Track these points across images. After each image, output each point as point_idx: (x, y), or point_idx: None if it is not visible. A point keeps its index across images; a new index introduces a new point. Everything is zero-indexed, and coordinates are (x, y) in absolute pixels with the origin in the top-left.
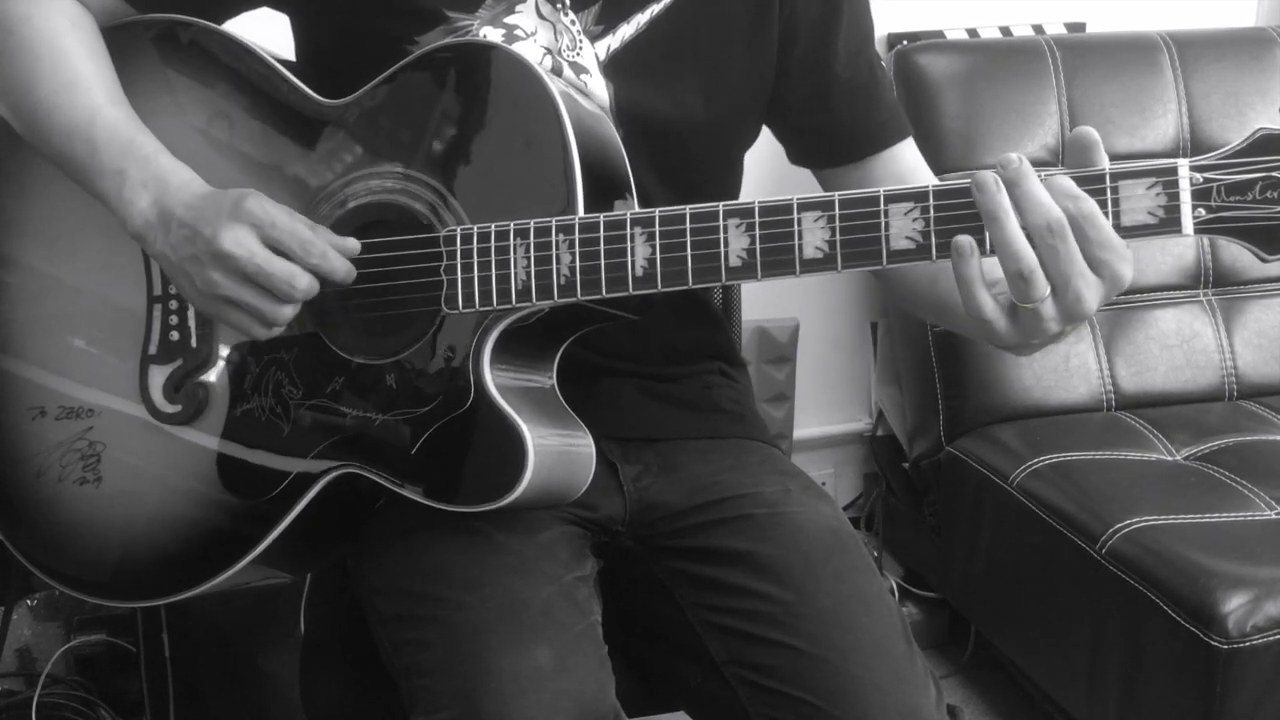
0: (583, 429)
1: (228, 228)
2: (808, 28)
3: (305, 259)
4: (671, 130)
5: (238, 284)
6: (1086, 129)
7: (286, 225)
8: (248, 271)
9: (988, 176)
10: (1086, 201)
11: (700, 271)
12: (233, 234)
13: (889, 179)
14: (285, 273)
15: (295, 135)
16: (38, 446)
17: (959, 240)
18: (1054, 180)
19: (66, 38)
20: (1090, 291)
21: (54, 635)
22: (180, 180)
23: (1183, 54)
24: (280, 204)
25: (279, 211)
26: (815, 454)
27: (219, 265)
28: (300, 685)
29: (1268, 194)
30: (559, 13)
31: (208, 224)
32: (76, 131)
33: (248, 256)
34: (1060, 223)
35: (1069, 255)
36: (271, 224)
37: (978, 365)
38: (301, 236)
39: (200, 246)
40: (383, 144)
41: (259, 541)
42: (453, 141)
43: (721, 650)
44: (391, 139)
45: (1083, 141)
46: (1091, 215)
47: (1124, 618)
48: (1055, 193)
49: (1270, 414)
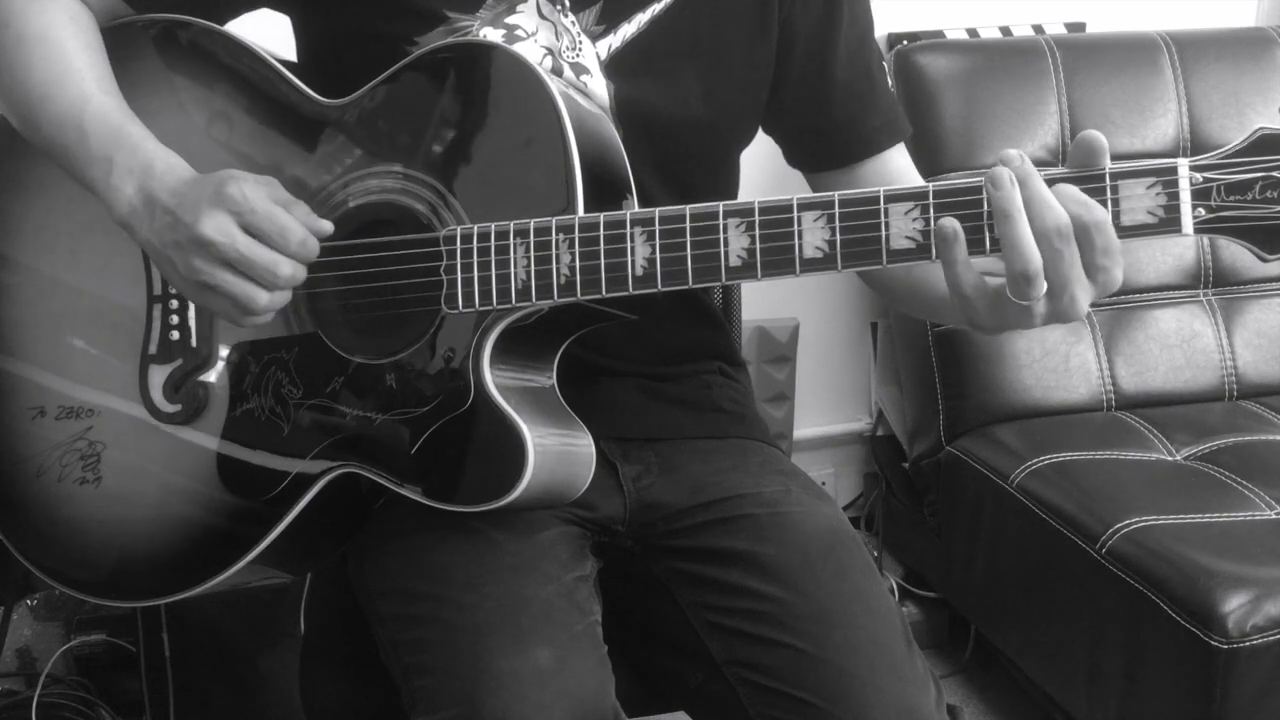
0: (583, 429)
1: (208, 214)
2: (807, 28)
3: (285, 246)
4: (672, 129)
5: (220, 270)
6: (1094, 133)
7: (265, 211)
8: (229, 258)
9: (1003, 173)
10: (1097, 209)
11: (700, 271)
12: (213, 220)
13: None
14: (267, 260)
15: (295, 135)
16: (38, 446)
17: (944, 225)
18: (1062, 187)
19: (62, 30)
20: (1084, 296)
21: (54, 635)
22: (165, 165)
23: (1183, 54)
24: (263, 181)
25: (259, 196)
26: (815, 454)
27: (200, 252)
28: (300, 685)
29: (1267, 194)
30: (559, 13)
31: (188, 210)
32: (67, 119)
33: (228, 243)
34: (1068, 227)
35: (1071, 259)
36: (251, 210)
37: (978, 365)
38: (280, 222)
39: (182, 233)
40: (383, 144)
41: (259, 541)
42: (453, 141)
43: (721, 650)
44: (391, 139)
45: (1089, 146)
46: (1101, 224)
47: (1124, 617)
48: (1063, 198)
49: (1270, 414)
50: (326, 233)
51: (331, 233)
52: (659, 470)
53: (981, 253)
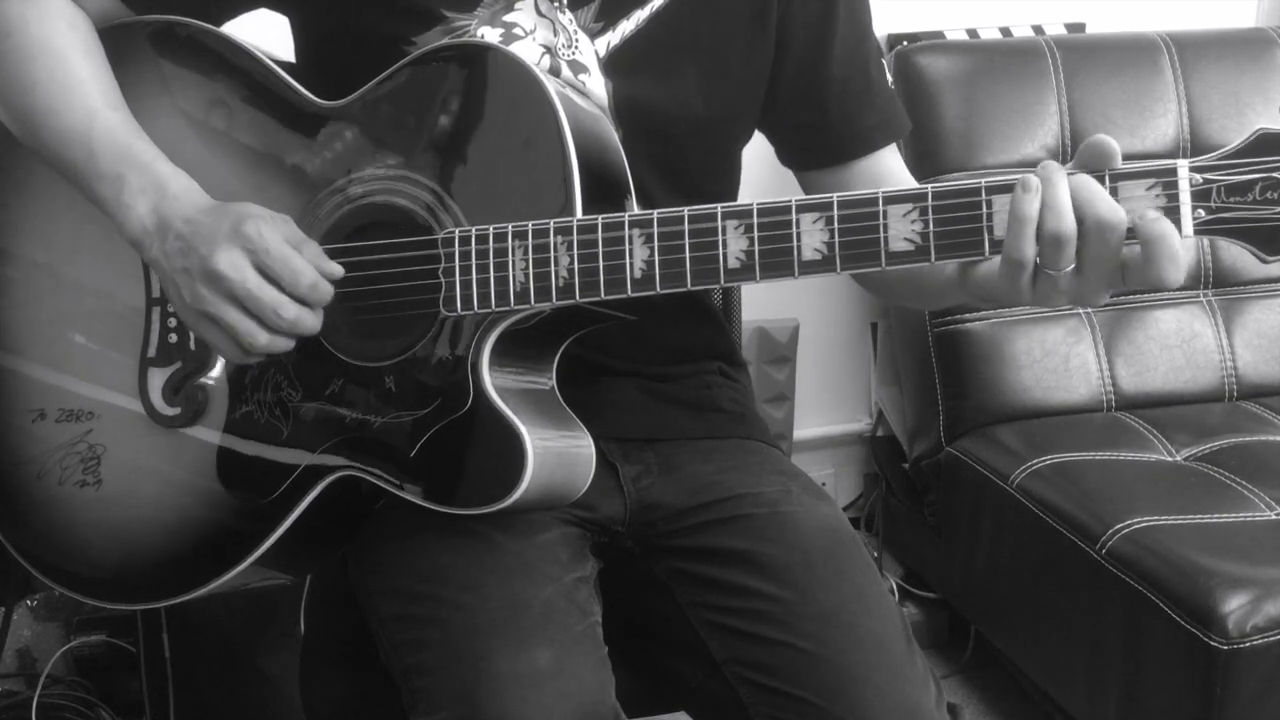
0: (582, 430)
1: (223, 249)
2: (804, 25)
3: (294, 289)
4: (671, 127)
5: (226, 304)
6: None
7: (279, 253)
8: (237, 294)
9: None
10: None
11: (699, 273)
12: (228, 256)
13: (867, 183)
14: (273, 301)
15: (292, 137)
16: (38, 449)
17: (1028, 177)
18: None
19: (63, 39)
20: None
21: (54, 635)
22: (179, 187)
23: (1183, 54)
24: (278, 220)
25: (275, 238)
26: (815, 454)
27: (210, 284)
28: (300, 685)
29: (1268, 194)
30: (556, 9)
31: (204, 242)
32: (74, 136)
33: (239, 280)
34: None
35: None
36: (265, 251)
37: (978, 366)
38: (294, 267)
39: (194, 262)
40: (380, 145)
41: (259, 544)
42: (450, 143)
43: (722, 650)
44: (389, 140)
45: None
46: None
47: (1124, 618)
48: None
49: (1270, 414)
50: (337, 276)
51: (342, 276)
52: (659, 471)
53: (980, 255)
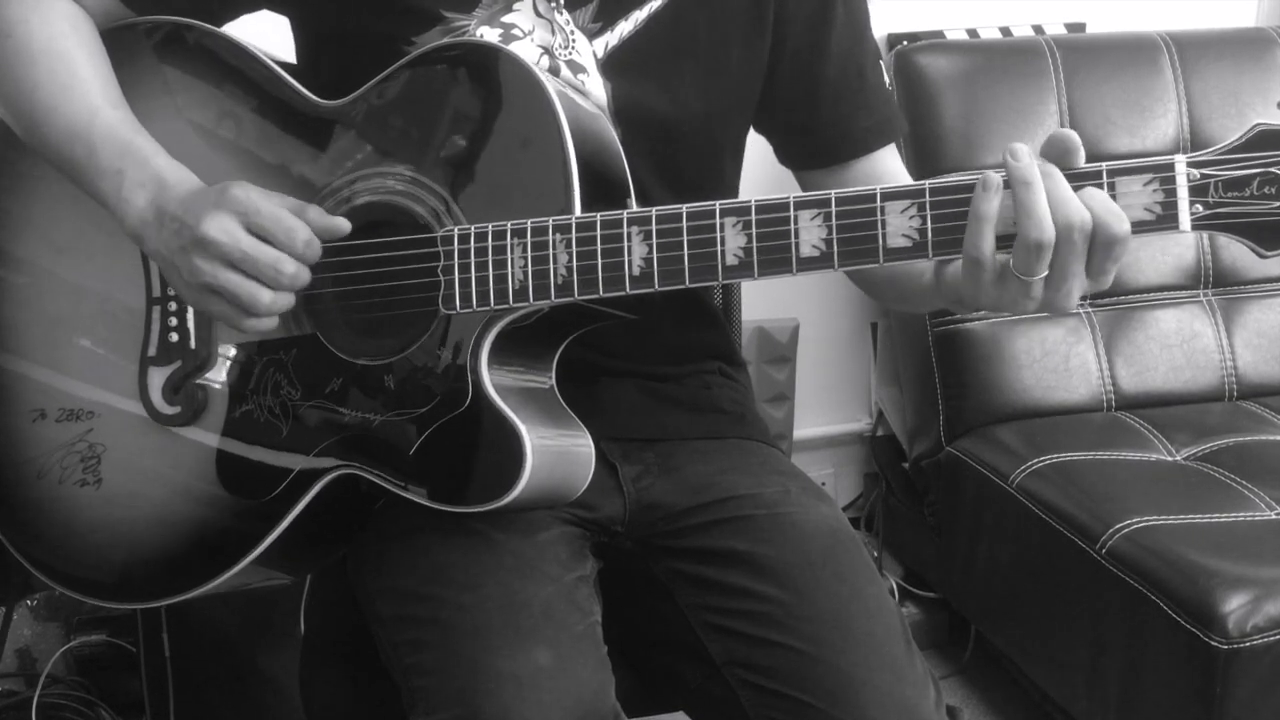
0: (582, 429)
1: (211, 215)
2: (800, 25)
3: (290, 246)
4: (670, 127)
5: (223, 269)
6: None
7: (270, 211)
8: (233, 258)
9: (1021, 147)
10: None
11: (697, 270)
12: (217, 221)
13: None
14: (270, 257)
15: (292, 137)
16: (38, 448)
17: (990, 175)
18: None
19: (65, 40)
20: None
21: (54, 635)
22: (177, 179)
23: (1183, 54)
24: (274, 195)
25: (263, 199)
26: (815, 454)
27: (203, 252)
28: (300, 685)
29: (1265, 189)
30: (554, 10)
31: (193, 214)
32: (75, 133)
33: (231, 242)
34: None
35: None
36: (255, 210)
37: (978, 365)
38: (286, 223)
39: (186, 236)
40: (379, 145)
41: (258, 543)
42: (449, 142)
43: (721, 651)
44: (388, 140)
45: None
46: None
47: (1124, 618)
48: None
49: (1270, 414)
50: (343, 231)
51: (349, 231)
52: (659, 471)
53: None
